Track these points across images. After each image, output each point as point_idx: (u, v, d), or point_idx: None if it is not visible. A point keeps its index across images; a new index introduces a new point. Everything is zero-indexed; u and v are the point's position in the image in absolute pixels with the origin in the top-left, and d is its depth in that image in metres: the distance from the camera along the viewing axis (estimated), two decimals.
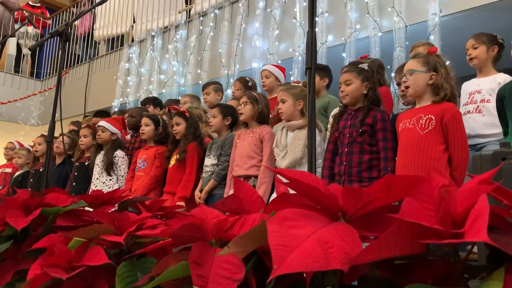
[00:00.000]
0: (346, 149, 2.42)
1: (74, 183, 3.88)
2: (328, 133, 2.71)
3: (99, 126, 3.81)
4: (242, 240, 0.69)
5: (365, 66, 2.51)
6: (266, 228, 0.63)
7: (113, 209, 1.36)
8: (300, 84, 2.92)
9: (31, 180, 4.62)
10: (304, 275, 0.73)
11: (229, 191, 2.94)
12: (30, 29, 8.42)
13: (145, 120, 3.64)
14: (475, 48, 2.72)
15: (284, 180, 0.76)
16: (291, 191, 0.83)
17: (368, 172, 2.35)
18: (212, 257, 0.76)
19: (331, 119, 2.73)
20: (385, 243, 0.54)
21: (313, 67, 1.14)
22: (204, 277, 0.73)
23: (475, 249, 0.78)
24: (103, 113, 4.78)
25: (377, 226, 0.67)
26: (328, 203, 0.68)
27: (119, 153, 3.72)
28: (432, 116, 2.16)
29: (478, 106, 2.60)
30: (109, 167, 3.64)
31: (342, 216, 0.68)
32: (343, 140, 2.46)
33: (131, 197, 1.47)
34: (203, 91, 4.16)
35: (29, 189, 3.51)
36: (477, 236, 0.47)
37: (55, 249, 1.02)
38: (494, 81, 2.62)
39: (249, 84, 3.76)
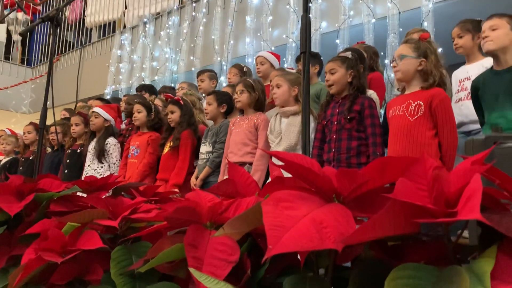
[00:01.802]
0: (334, 136, 2.46)
1: (66, 171, 3.86)
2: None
3: (93, 112, 3.78)
4: (237, 222, 0.69)
5: (348, 54, 2.54)
6: (261, 209, 0.63)
7: (107, 195, 1.35)
8: (294, 71, 2.91)
9: (21, 168, 4.59)
10: (299, 257, 0.74)
11: (223, 177, 2.94)
12: (20, 15, 8.29)
13: (137, 106, 3.63)
14: (460, 37, 2.72)
15: (279, 164, 0.76)
16: (286, 175, 0.83)
17: (356, 158, 2.39)
18: (207, 240, 0.76)
19: None
20: (379, 223, 0.54)
21: (307, 51, 1.13)
22: (199, 259, 0.73)
23: (466, 234, 0.79)
24: (103, 100, 4.74)
25: (371, 208, 0.67)
26: (322, 184, 0.68)
27: (111, 141, 3.71)
28: (421, 102, 2.18)
29: (469, 93, 2.61)
30: (101, 155, 3.63)
31: (336, 198, 0.69)
32: (331, 128, 2.49)
33: (125, 183, 1.47)
34: (197, 78, 4.14)
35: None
36: (470, 214, 0.47)
37: (49, 234, 1.02)
38: (482, 66, 2.63)
39: (244, 70, 3.74)
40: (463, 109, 2.61)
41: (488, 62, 2.58)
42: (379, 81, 3.00)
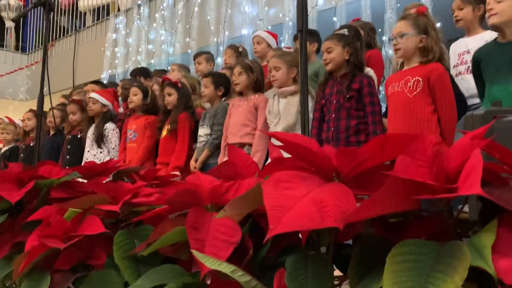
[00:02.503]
0: (333, 115, 2.45)
1: (67, 156, 3.86)
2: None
3: (90, 98, 3.76)
4: (238, 203, 0.69)
5: (345, 31, 2.51)
6: (262, 190, 0.63)
7: (107, 180, 1.36)
8: (292, 50, 2.88)
9: (22, 155, 4.59)
10: (300, 236, 0.75)
11: (223, 158, 2.94)
12: (12, 1, 8.17)
13: (133, 89, 3.60)
14: (461, 9, 2.68)
15: (278, 145, 0.76)
16: (285, 155, 0.83)
17: (355, 136, 2.39)
18: (208, 222, 0.77)
19: None
20: (380, 200, 0.54)
21: (304, 29, 1.12)
22: (202, 240, 0.74)
23: (465, 209, 0.79)
24: (99, 83, 4.71)
25: (371, 186, 0.67)
26: (322, 164, 0.68)
27: (109, 126, 3.70)
28: (419, 78, 2.16)
29: (468, 66, 2.58)
30: (99, 140, 3.63)
31: (336, 177, 0.69)
32: (329, 107, 2.48)
33: (125, 168, 1.47)
34: (194, 60, 4.10)
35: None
36: (470, 189, 0.47)
37: (51, 220, 1.02)
38: (482, 39, 2.59)
39: (240, 50, 3.71)
40: (463, 83, 2.59)
41: (488, 35, 2.55)
42: (377, 58, 2.98)
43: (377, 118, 2.37)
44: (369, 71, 2.67)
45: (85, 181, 1.35)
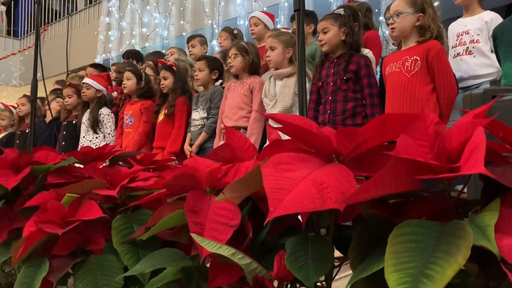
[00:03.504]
0: (330, 98, 2.42)
1: (63, 143, 3.85)
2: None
3: (83, 83, 3.73)
4: (237, 185, 0.69)
5: (341, 11, 2.46)
6: (261, 172, 0.62)
7: (104, 165, 1.35)
8: (290, 31, 2.84)
9: (17, 141, 4.56)
10: (300, 218, 0.74)
11: (219, 142, 2.93)
12: None
13: (127, 74, 3.57)
14: None
15: (276, 126, 0.75)
16: (283, 137, 0.82)
17: (352, 119, 2.37)
18: (207, 205, 0.76)
19: None
20: (381, 181, 0.53)
21: (301, 8, 1.10)
22: (201, 224, 0.73)
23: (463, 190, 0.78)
24: (98, 66, 4.66)
25: (371, 166, 0.67)
26: (321, 145, 0.67)
27: (104, 111, 3.68)
28: (417, 57, 2.14)
29: (467, 47, 2.56)
30: (95, 125, 3.61)
31: (336, 158, 0.68)
32: (326, 89, 2.45)
33: (121, 152, 1.45)
34: (187, 43, 4.05)
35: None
36: (473, 168, 0.46)
37: (48, 206, 1.02)
38: (481, 20, 2.57)
39: (235, 33, 3.66)
40: (462, 64, 2.57)
41: (487, 16, 2.52)
42: (375, 39, 2.95)
43: (375, 100, 2.35)
44: (367, 52, 2.64)
45: (82, 166, 1.34)
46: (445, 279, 0.46)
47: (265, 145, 2.60)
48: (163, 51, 5.01)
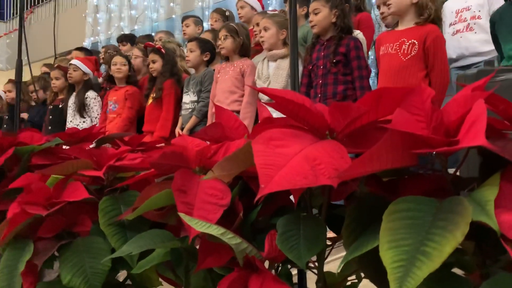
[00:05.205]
0: (320, 81, 2.41)
1: (50, 127, 3.78)
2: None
3: (71, 64, 3.66)
4: (227, 163, 0.66)
5: None
6: (252, 149, 0.60)
7: (91, 146, 1.31)
8: (277, 12, 2.81)
9: (5, 126, 4.49)
10: (291, 197, 0.72)
11: None
12: None
13: (122, 59, 3.51)
14: None
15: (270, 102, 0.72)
16: (276, 115, 0.79)
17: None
18: (196, 184, 0.74)
19: None
20: (377, 155, 0.51)
21: None
22: (190, 204, 0.71)
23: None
24: (85, 50, 4.59)
25: (366, 143, 0.64)
26: (314, 121, 0.65)
27: (90, 94, 3.62)
28: (415, 41, 2.11)
29: (468, 24, 2.51)
30: (82, 109, 3.56)
31: (329, 134, 0.66)
32: (317, 72, 2.44)
33: (108, 134, 1.42)
34: (182, 23, 3.99)
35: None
36: (474, 140, 0.44)
37: (32, 187, 0.99)
38: None
39: (226, 14, 3.60)
40: (462, 41, 2.53)
41: None
42: (367, 22, 2.92)
43: (365, 83, 2.34)
44: (358, 34, 2.61)
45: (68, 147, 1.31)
46: (443, 255, 0.45)
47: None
48: (153, 34, 4.93)
